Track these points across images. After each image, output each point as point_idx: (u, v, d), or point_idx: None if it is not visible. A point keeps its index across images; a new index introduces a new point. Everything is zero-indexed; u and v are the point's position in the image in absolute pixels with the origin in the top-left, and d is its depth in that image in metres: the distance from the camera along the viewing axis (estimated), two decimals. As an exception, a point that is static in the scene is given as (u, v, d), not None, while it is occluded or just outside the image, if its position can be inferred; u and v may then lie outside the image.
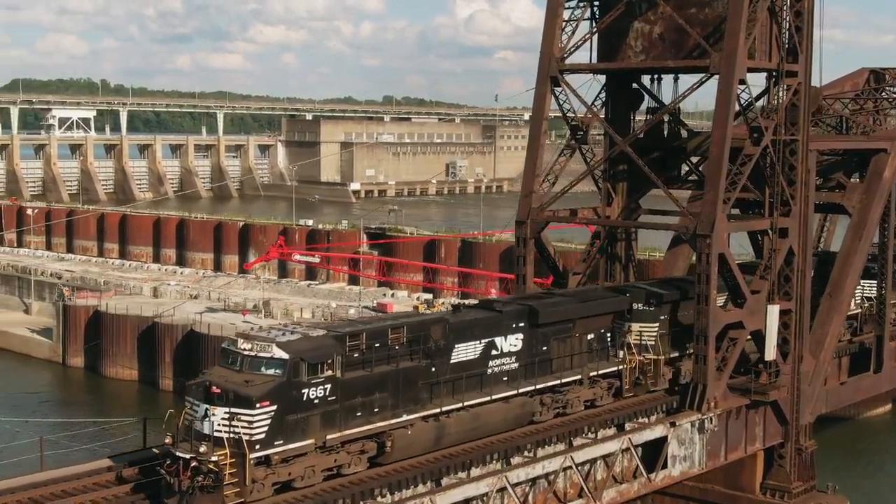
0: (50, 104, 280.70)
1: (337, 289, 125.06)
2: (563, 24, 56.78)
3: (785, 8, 54.28)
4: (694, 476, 55.19)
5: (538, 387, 46.87)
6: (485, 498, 41.73)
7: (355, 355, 39.64)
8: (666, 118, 59.27)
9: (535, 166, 56.87)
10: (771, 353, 53.99)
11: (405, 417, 41.25)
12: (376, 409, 40.26)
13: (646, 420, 50.83)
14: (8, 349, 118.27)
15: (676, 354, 53.70)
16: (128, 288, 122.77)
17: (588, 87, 59.09)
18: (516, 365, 46.16)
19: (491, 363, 45.20)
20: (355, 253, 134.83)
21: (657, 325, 51.96)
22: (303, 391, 37.78)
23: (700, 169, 59.03)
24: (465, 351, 44.08)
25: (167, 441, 37.60)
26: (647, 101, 60.35)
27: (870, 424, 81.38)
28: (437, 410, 42.46)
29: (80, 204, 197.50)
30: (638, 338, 51.64)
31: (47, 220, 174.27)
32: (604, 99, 59.18)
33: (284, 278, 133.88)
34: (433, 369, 42.58)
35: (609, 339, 51.06)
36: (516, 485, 43.32)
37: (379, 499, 39.86)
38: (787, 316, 55.37)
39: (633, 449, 48.04)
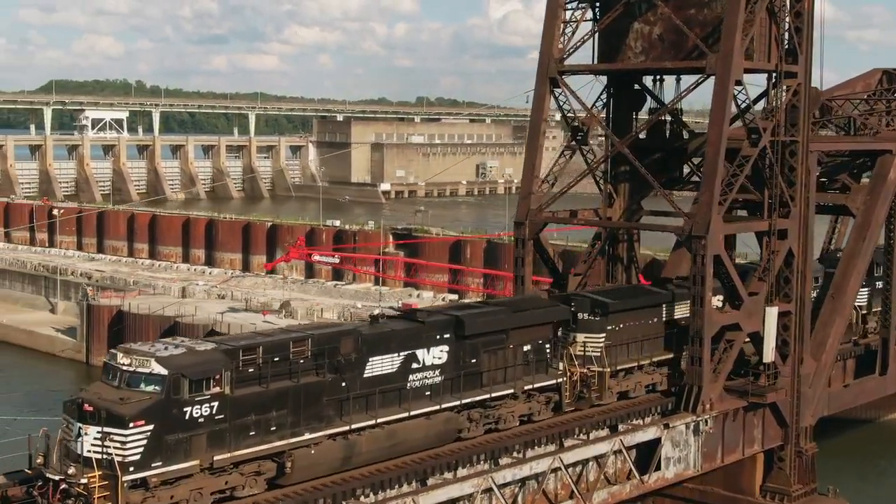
0: (83, 105, 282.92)
1: (363, 289, 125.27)
2: (563, 25, 56.77)
3: (784, 9, 54.06)
4: (694, 478, 55.40)
5: (465, 401, 44.35)
6: (470, 498, 41.86)
7: (249, 370, 37.35)
8: (667, 118, 59.13)
9: (534, 167, 56.95)
10: (769, 354, 53.76)
11: (308, 436, 38.80)
12: (273, 428, 37.87)
13: (639, 422, 50.73)
14: (34, 348, 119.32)
15: (631, 366, 51.56)
16: (154, 288, 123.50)
17: (590, 88, 59.22)
18: (440, 379, 43.65)
19: (411, 377, 42.73)
20: (381, 254, 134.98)
21: (603, 335, 50.18)
22: (184, 409, 35.44)
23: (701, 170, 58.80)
24: (381, 364, 41.61)
25: (38, 461, 35.94)
26: (649, 102, 60.29)
27: (886, 428, 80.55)
28: (346, 428, 40.02)
29: (110, 204, 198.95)
30: (582, 349, 49.88)
31: (78, 220, 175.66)
32: (605, 100, 59.08)
33: (311, 278, 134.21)
34: (343, 384, 40.12)
35: (548, 351, 48.25)
36: (504, 485, 43.46)
37: (362, 499, 40.05)
38: (786, 318, 55.16)
39: (624, 450, 47.99)
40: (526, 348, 47.13)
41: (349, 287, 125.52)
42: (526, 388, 46.91)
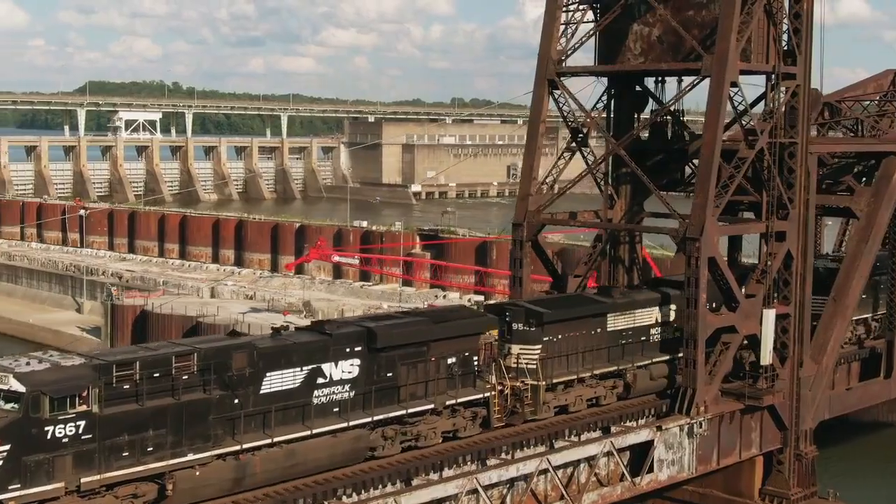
0: (116, 107, 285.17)
1: (389, 290, 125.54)
2: (562, 26, 56.78)
3: (782, 10, 53.86)
4: (693, 481, 55.40)
5: (377, 418, 42.03)
6: (454, 499, 41.93)
7: (124, 387, 35.13)
8: (667, 119, 59.03)
9: (532, 169, 57.02)
10: (767, 357, 53.53)
11: (191, 457, 36.60)
12: (150, 448, 35.64)
13: (633, 424, 50.70)
14: (60, 347, 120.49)
15: (570, 378, 49.26)
16: (180, 288, 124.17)
17: (593, 89, 59.28)
18: (351, 394, 41.39)
19: (317, 393, 40.45)
20: (406, 255, 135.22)
21: (539, 347, 47.94)
22: (45, 429, 33.31)
23: (703, 172, 58.63)
24: (281, 380, 39.38)
25: None
26: (651, 104, 60.21)
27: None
28: (238, 448, 37.80)
29: (141, 205, 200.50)
30: (517, 361, 47.71)
31: (109, 220, 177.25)
32: (606, 101, 59.05)
33: (339, 279, 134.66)
34: (236, 401, 37.95)
35: (476, 363, 45.60)
36: (490, 486, 43.54)
37: (344, 499, 40.25)
38: (785, 320, 54.94)
39: (615, 452, 47.94)
40: (450, 361, 44.67)
41: (376, 288, 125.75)
42: (449, 403, 44.47)
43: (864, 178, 62.17)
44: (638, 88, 59.82)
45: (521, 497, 44.99)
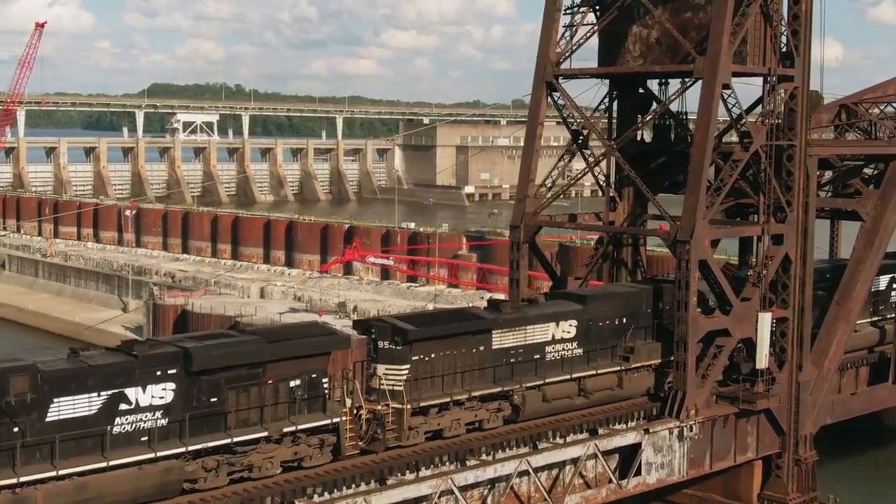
0: (174, 108, 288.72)
1: (436, 291, 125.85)
2: (563, 28, 56.82)
3: (780, 11, 53.49)
4: (694, 484, 55.34)
5: (194, 448, 38.31)
6: (428, 499, 42.12)
7: None
8: (670, 122, 58.85)
9: (530, 171, 57.14)
10: (763, 361, 53.13)
11: None
12: None
13: (622, 426, 50.58)
14: (103, 346, 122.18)
15: (444, 401, 45.48)
16: (231, 288, 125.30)
17: (596, 91, 59.27)
18: (164, 422, 37.84)
19: (119, 420, 36.82)
20: (454, 257, 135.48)
21: (406, 367, 44.23)
22: None
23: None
24: (73, 406, 35.91)
25: None
26: (656, 106, 59.99)
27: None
28: (14, 481, 34.58)
29: (194, 206, 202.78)
30: (382, 382, 44.42)
31: (163, 221, 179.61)
32: (607, 103, 59.02)
33: (386, 280, 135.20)
34: (15, 430, 34.71)
35: (325, 386, 42.10)
36: (467, 487, 43.74)
37: (315, 497, 40.59)
38: (784, 324, 54.54)
39: (600, 455, 47.88)
40: (293, 384, 41.00)
41: (422, 289, 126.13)
42: (287, 430, 40.65)
43: (872, 182, 61.45)
44: (641, 91, 59.70)
45: (500, 498, 45.10)
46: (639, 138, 60.21)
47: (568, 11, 56.85)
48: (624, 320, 51.79)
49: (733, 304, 52.26)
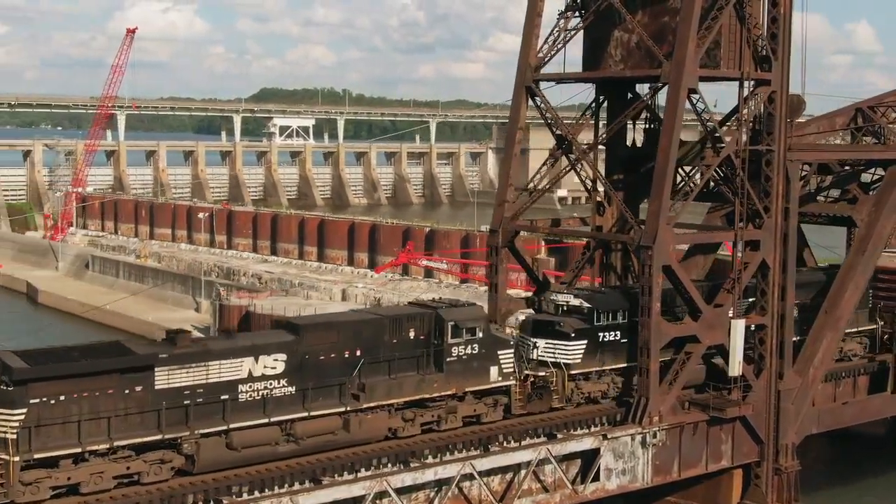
0: (270, 113, 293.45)
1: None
2: (548, 32, 56.94)
3: (757, 15, 52.85)
4: (678, 491, 55.07)
5: None
6: (362, 500, 42.50)
7: None
8: (652, 125, 58.51)
9: (509, 175, 57.29)
10: (736, 368, 52.49)
11: None
12: None
13: (581, 431, 50.45)
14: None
15: (74, 452, 38.42)
16: (314, 289, 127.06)
17: (588, 95, 59.24)
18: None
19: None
20: (534, 261, 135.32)
21: (21, 412, 37.39)
22: None
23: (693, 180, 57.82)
24: None
25: None
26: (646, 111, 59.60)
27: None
28: None
29: (285, 208, 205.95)
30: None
31: (253, 223, 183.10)
32: (595, 107, 58.89)
33: (464, 283, 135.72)
34: None
35: None
36: (411, 489, 44.10)
37: (245, 496, 41.05)
38: (762, 331, 53.83)
39: (552, 459, 47.82)
40: None
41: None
42: None
43: (873, 188, 60.27)
44: (630, 96, 59.35)
45: (443, 501, 45.33)
46: (629, 143, 59.93)
47: (563, 16, 56.67)
48: (357, 353, 45.16)
49: (703, 311, 51.73)
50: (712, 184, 56.11)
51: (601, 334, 51.43)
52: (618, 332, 51.88)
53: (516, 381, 49.33)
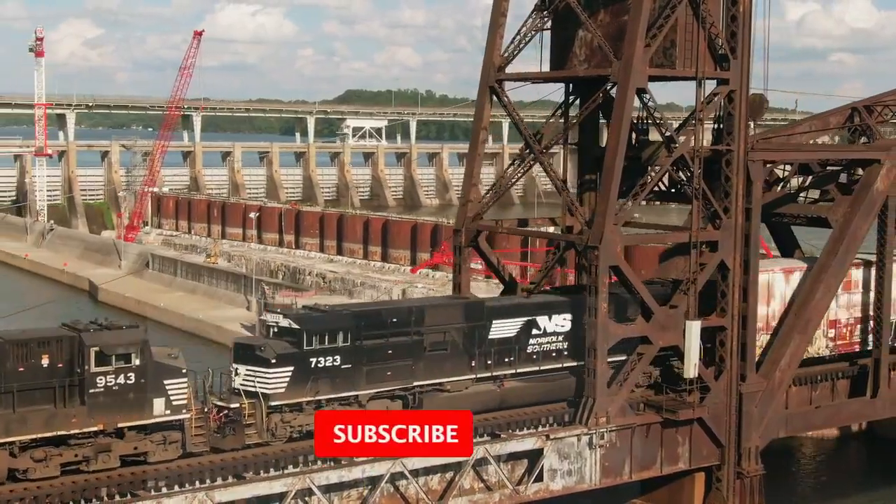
0: (343, 114, 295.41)
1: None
2: (513, 32, 56.86)
3: (716, 14, 52.21)
4: (645, 494, 54.83)
5: None
6: (283, 498, 42.68)
7: None
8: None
9: (472, 175, 57.36)
10: (691, 370, 51.93)
11: None
12: None
13: (523, 431, 50.28)
14: (222, 343, 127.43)
15: None
16: (375, 289, 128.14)
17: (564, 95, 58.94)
18: None
19: None
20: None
21: None
22: None
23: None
24: None
25: None
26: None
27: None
28: None
29: (356, 209, 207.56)
30: None
31: (320, 224, 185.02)
32: (564, 107, 58.62)
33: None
34: None
35: None
36: (341, 487, 44.39)
37: (153, 492, 41.12)
38: (722, 333, 53.20)
39: (491, 459, 47.77)
40: None
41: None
42: None
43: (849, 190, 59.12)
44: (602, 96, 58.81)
45: (378, 499, 45.55)
46: (602, 143, 59.50)
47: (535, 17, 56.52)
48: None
49: (654, 312, 51.27)
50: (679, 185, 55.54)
51: (314, 359, 46.23)
52: (337, 357, 46.61)
53: (193, 413, 43.98)
